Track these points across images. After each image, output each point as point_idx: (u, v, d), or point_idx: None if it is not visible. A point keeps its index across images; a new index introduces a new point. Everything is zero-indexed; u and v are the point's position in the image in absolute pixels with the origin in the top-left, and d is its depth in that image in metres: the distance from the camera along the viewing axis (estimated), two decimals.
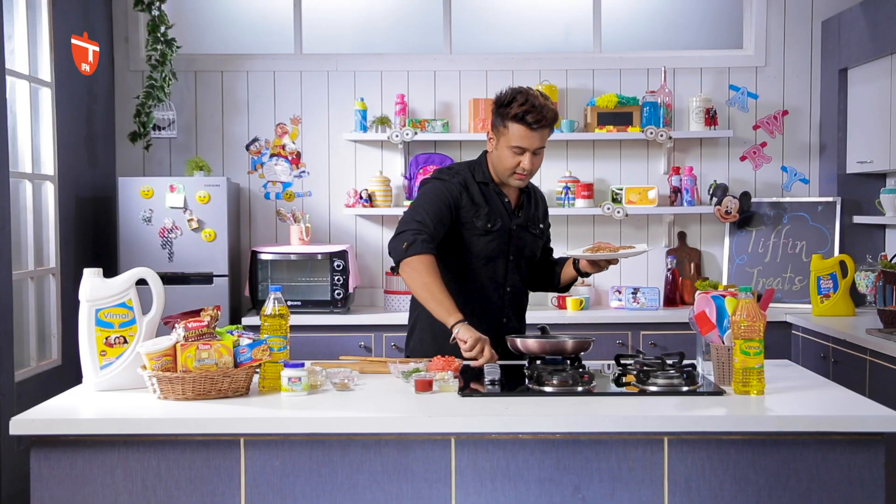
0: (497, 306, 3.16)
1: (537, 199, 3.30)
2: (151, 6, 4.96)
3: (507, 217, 3.14)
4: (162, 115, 5.09)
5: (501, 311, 3.17)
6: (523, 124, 2.98)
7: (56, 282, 4.52)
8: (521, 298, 3.25)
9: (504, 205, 3.14)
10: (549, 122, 3.02)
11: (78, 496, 2.37)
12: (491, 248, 3.11)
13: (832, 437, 2.36)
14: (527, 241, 3.19)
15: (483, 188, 3.12)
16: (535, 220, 3.23)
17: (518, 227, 3.16)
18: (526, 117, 2.97)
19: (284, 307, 2.75)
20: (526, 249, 3.19)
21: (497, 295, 3.16)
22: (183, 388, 2.51)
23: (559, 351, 2.83)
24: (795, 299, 5.05)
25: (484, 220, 3.09)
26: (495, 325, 3.14)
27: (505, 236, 3.14)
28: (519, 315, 3.25)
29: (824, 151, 5.27)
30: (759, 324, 2.53)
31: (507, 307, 3.18)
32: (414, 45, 5.49)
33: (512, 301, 3.19)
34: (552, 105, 3.05)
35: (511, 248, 3.15)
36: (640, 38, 5.54)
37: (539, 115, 2.98)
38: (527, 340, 2.85)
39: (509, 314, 3.19)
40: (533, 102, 2.99)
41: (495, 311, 3.16)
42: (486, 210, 3.10)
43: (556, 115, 3.05)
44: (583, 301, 5.03)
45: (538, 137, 3.02)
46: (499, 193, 3.14)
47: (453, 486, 2.38)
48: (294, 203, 5.35)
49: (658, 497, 2.38)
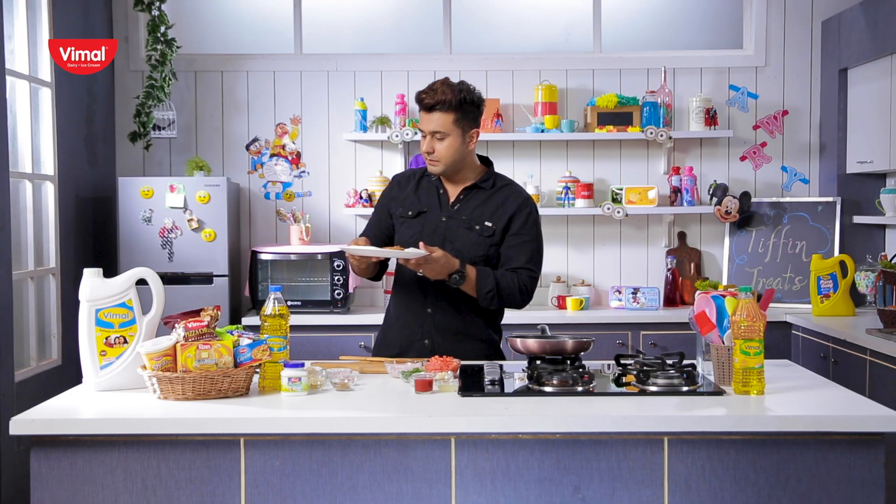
0: (421, 296, 3.15)
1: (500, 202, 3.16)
2: (151, 6, 4.96)
3: (438, 208, 3.16)
4: (162, 115, 5.09)
5: (426, 301, 3.14)
6: (419, 105, 3.08)
7: (56, 282, 4.52)
8: (459, 294, 3.09)
9: (438, 196, 3.18)
10: (442, 104, 3.02)
11: (78, 496, 2.37)
12: (409, 235, 3.14)
13: (832, 437, 2.36)
14: (459, 236, 3.12)
15: (426, 181, 3.22)
16: (478, 219, 3.14)
17: (450, 219, 3.15)
18: (420, 96, 3.07)
19: (284, 307, 2.75)
20: (458, 243, 3.11)
21: (420, 284, 3.14)
22: (183, 388, 2.51)
23: (559, 351, 2.83)
24: (795, 299, 5.05)
25: (405, 207, 3.19)
26: (421, 314, 3.15)
27: (430, 225, 3.14)
28: (460, 312, 3.13)
29: (824, 151, 5.27)
30: (759, 324, 2.53)
31: (436, 297, 3.12)
32: (414, 45, 5.49)
33: (441, 292, 3.11)
34: (466, 94, 3.05)
35: (436, 238, 3.12)
36: (640, 38, 5.54)
37: (430, 95, 3.04)
38: (527, 340, 2.85)
39: (440, 307, 3.12)
40: (432, 85, 3.07)
41: (420, 300, 3.15)
42: (412, 199, 3.19)
43: (453, 101, 3.02)
44: (583, 301, 5.03)
45: (432, 120, 3.05)
46: (437, 186, 3.19)
47: (453, 486, 2.38)
48: (294, 203, 5.35)
49: (658, 497, 2.38)
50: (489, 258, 3.14)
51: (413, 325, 3.16)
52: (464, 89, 3.06)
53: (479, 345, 3.18)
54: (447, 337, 3.13)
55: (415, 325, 3.16)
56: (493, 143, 5.28)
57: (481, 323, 3.19)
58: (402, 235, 3.19)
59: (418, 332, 3.15)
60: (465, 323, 3.14)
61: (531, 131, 5.15)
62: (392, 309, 3.27)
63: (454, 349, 3.09)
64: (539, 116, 5.20)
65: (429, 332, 3.14)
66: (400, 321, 3.21)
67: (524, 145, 5.31)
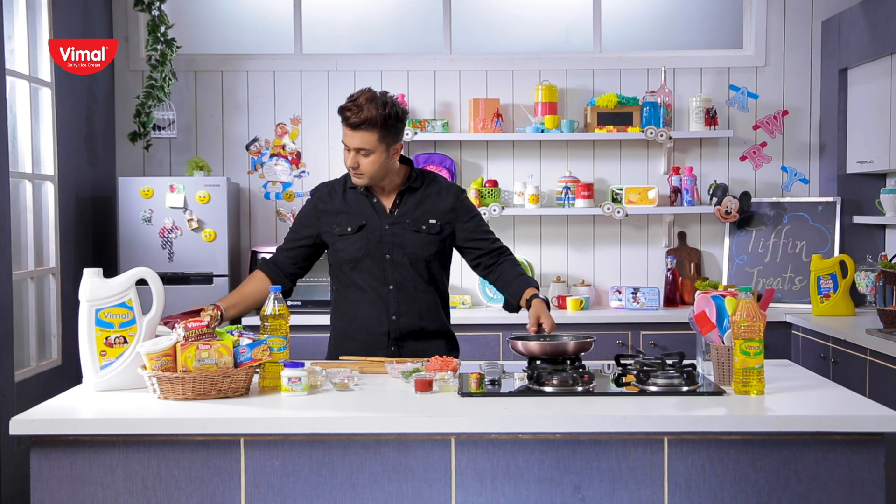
0: (383, 305, 3.14)
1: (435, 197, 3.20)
2: (151, 6, 4.96)
3: (377, 217, 3.15)
4: (162, 115, 5.09)
5: (389, 309, 3.13)
6: (342, 120, 3.03)
7: (56, 282, 4.53)
8: (419, 296, 3.15)
9: (373, 205, 3.16)
10: (367, 123, 2.97)
11: (78, 496, 2.38)
12: (356, 250, 3.13)
13: (832, 437, 2.36)
14: (408, 240, 3.13)
15: (351, 193, 3.18)
16: (421, 219, 3.15)
17: (393, 224, 3.14)
18: (344, 112, 3.02)
19: (284, 307, 2.75)
20: (409, 247, 3.13)
21: (379, 294, 3.13)
22: (183, 388, 2.51)
23: (560, 352, 2.82)
24: (795, 299, 5.05)
25: (343, 224, 3.15)
26: (387, 323, 3.13)
27: (374, 236, 3.13)
28: (422, 313, 3.16)
29: (824, 151, 5.27)
30: (759, 324, 2.53)
31: (397, 304, 3.13)
32: (414, 45, 5.49)
33: (401, 298, 3.13)
34: (390, 109, 3.00)
35: (384, 246, 3.13)
36: (640, 38, 5.54)
37: (354, 113, 2.98)
38: (528, 342, 2.85)
39: (403, 312, 3.13)
40: (356, 100, 3.01)
41: (382, 310, 3.14)
42: (346, 216, 3.15)
43: (377, 119, 2.97)
44: (583, 301, 5.03)
45: (357, 138, 3.00)
46: (367, 195, 3.16)
47: (453, 486, 2.38)
48: (294, 203, 5.35)
49: (658, 497, 2.38)
50: (441, 252, 3.19)
51: (378, 333, 3.14)
52: (388, 103, 3.01)
53: (440, 342, 3.22)
54: (412, 340, 3.16)
55: (379, 334, 3.14)
56: (493, 143, 5.28)
57: (440, 319, 3.23)
58: (346, 252, 3.14)
59: (384, 340, 3.15)
60: (427, 322, 3.17)
61: (531, 131, 5.15)
62: (349, 318, 3.20)
63: (419, 349, 3.13)
64: (539, 116, 5.20)
65: (395, 338, 3.15)
66: (362, 331, 3.17)
67: (524, 145, 5.32)
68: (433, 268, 3.18)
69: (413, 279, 3.14)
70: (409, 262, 3.14)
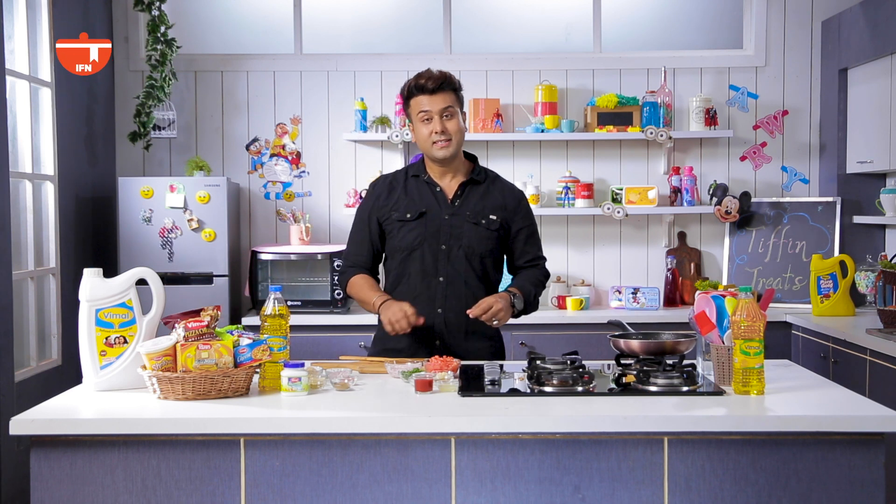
0: (429, 297, 3.12)
1: (498, 194, 3.21)
2: (151, 6, 4.96)
3: (438, 206, 3.15)
4: (162, 115, 5.09)
5: (435, 302, 3.12)
6: (419, 91, 3.09)
7: (56, 282, 4.53)
8: (467, 291, 3.12)
9: (435, 194, 3.16)
10: (443, 81, 3.09)
11: (78, 496, 2.38)
12: (412, 238, 3.12)
13: (832, 437, 2.36)
14: (466, 232, 3.13)
15: (413, 181, 3.20)
16: (482, 213, 3.15)
17: (453, 216, 3.14)
18: (419, 83, 3.10)
19: (284, 307, 2.75)
20: (466, 239, 3.12)
21: (428, 285, 3.12)
22: (183, 388, 2.51)
23: (661, 351, 2.79)
24: (795, 299, 5.05)
25: (402, 210, 3.15)
26: (431, 316, 3.11)
27: (433, 225, 3.13)
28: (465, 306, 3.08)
29: (824, 151, 5.27)
30: (759, 324, 2.53)
31: (444, 298, 3.12)
32: (414, 45, 5.49)
33: (450, 292, 3.12)
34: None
35: (442, 236, 3.13)
36: (640, 38, 5.54)
37: (429, 77, 3.09)
38: (630, 341, 2.83)
39: (449, 305, 3.11)
40: (424, 72, 3.13)
41: (428, 301, 3.12)
42: (406, 201, 3.16)
43: (451, 78, 3.12)
44: (583, 301, 5.03)
45: (440, 100, 3.08)
46: (430, 184, 3.17)
47: (453, 486, 2.38)
48: (294, 203, 5.35)
49: (658, 497, 2.38)
50: (496, 250, 3.19)
51: (424, 326, 3.09)
52: None
53: (487, 342, 3.19)
54: (457, 336, 3.14)
55: (425, 327, 3.10)
56: (493, 143, 5.28)
57: None
58: (403, 239, 3.15)
59: (430, 333, 3.13)
60: (474, 321, 3.10)
61: (531, 131, 5.15)
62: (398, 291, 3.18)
63: (463, 348, 3.11)
64: (539, 116, 5.20)
65: (440, 332, 3.13)
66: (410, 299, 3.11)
67: (524, 145, 5.32)
68: (487, 264, 3.17)
69: (465, 273, 3.13)
70: (465, 256, 3.12)
